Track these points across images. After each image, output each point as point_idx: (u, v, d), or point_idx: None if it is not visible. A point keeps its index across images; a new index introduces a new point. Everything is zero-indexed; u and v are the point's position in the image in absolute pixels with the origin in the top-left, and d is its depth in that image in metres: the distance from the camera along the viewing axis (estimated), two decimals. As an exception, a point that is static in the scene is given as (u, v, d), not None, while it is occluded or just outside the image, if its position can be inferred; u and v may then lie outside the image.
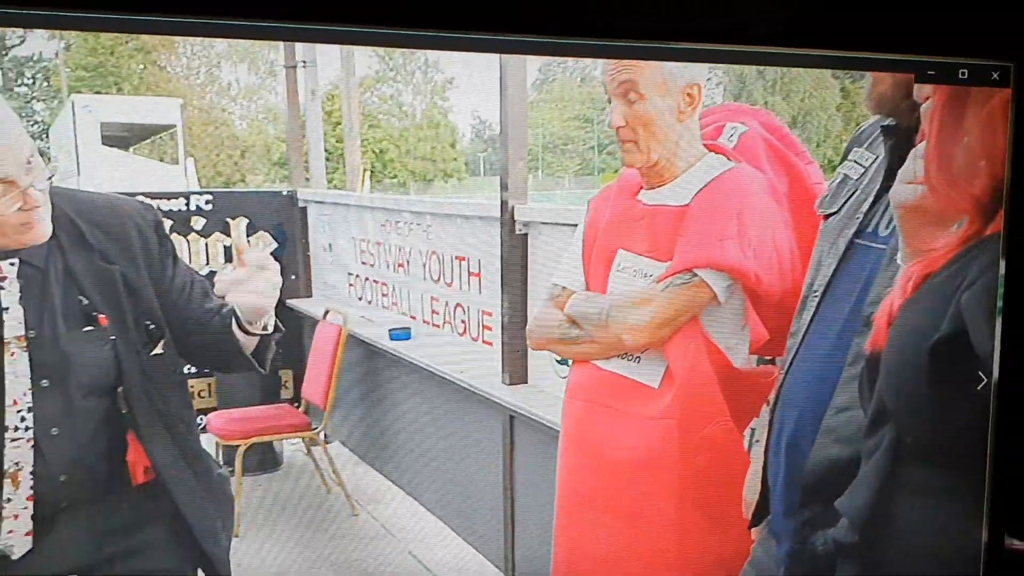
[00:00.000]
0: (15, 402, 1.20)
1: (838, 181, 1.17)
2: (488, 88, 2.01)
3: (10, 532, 1.21)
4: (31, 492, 1.23)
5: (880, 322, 0.98)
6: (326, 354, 2.51)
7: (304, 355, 2.67)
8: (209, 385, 2.37)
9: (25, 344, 1.19)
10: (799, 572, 1.08)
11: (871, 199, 1.07)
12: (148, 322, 1.27)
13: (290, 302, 2.88)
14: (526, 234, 1.98)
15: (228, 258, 1.92)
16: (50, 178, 1.20)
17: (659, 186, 1.40)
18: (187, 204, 2.18)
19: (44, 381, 1.21)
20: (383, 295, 2.62)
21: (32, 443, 1.21)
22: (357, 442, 2.72)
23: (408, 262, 2.48)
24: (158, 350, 1.27)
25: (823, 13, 1.01)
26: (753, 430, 1.43)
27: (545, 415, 1.86)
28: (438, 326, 2.39)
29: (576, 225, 1.53)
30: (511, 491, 2.00)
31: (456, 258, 2.28)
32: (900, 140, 1.04)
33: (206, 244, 2.04)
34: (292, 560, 1.40)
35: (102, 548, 1.26)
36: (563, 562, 1.48)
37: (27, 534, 1.22)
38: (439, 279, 2.36)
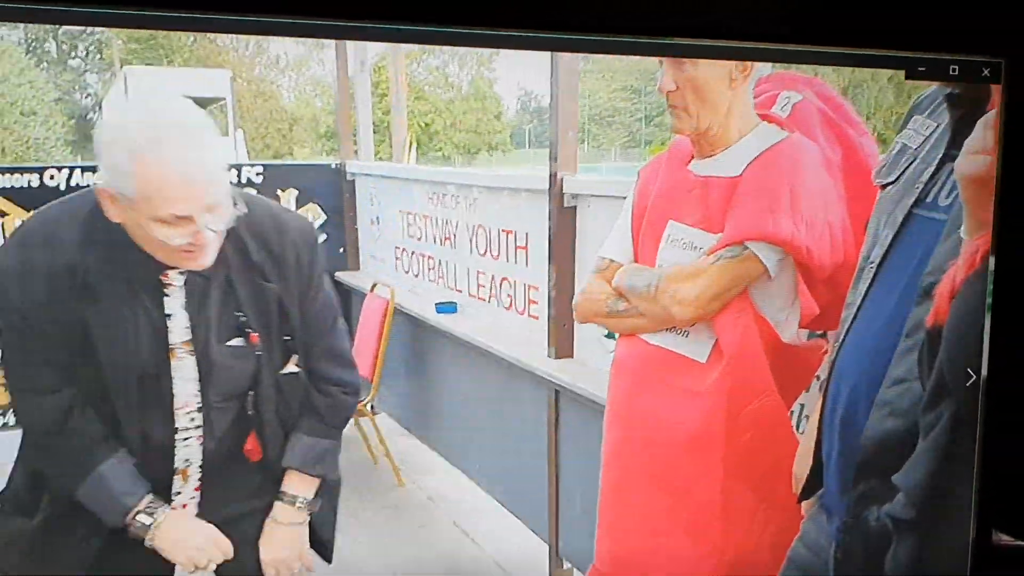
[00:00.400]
0: (185, 404, 1.25)
1: (896, 150, 1.13)
2: (535, 58, 1.98)
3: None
4: (199, 483, 1.29)
5: (942, 296, 0.95)
6: (374, 327, 2.54)
7: (352, 329, 2.70)
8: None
9: (191, 348, 1.23)
10: (852, 547, 1.06)
11: (932, 168, 1.03)
12: (287, 336, 1.31)
13: (338, 275, 2.92)
14: (575, 207, 1.96)
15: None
16: (233, 221, 1.22)
17: (711, 155, 1.37)
18: (239, 176, 2.21)
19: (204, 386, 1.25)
20: (429, 269, 2.64)
21: (201, 441, 1.26)
22: (404, 414, 2.76)
23: (455, 236, 2.49)
24: (292, 368, 1.32)
25: (814, 10, 0.99)
26: (802, 405, 1.41)
27: (591, 389, 1.85)
28: (484, 300, 2.39)
29: (625, 198, 1.51)
30: (556, 465, 2.01)
31: (503, 231, 2.27)
32: (965, 109, 1.00)
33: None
34: (339, 528, 1.43)
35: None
36: (607, 536, 1.48)
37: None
38: (485, 252, 2.36)
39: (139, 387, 1.22)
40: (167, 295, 1.21)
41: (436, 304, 2.54)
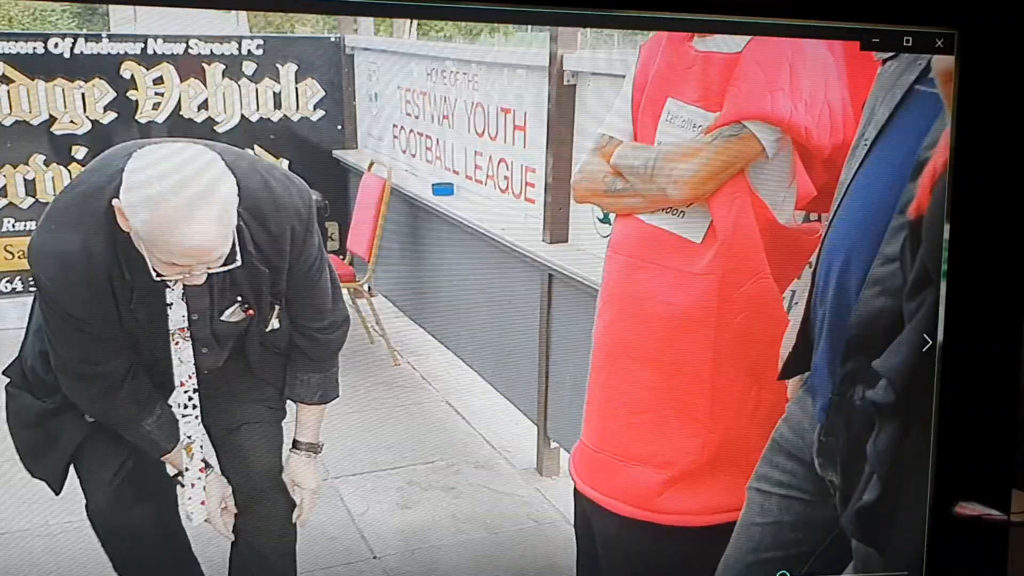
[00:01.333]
0: (182, 384, 1.32)
1: None
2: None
3: (189, 499, 1.40)
4: (202, 465, 1.38)
5: (924, 183, 0.94)
6: (370, 207, 2.52)
7: (350, 207, 2.69)
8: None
9: (188, 334, 1.30)
10: (835, 428, 1.08)
11: None
12: (277, 306, 1.38)
13: (336, 153, 2.88)
14: (574, 85, 1.92)
15: (277, 104, 1.91)
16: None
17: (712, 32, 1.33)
18: (239, 48, 2.14)
19: (204, 349, 1.33)
20: (427, 148, 2.60)
21: (200, 420, 1.35)
22: (400, 295, 2.79)
23: (453, 114, 2.44)
24: (275, 324, 1.38)
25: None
26: (793, 292, 1.42)
27: (584, 274, 1.86)
28: (481, 182, 2.37)
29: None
30: (547, 348, 2.04)
31: (502, 109, 2.23)
32: None
33: (256, 89, 2.03)
34: (335, 404, 1.48)
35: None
36: (595, 413, 1.51)
37: (201, 503, 1.40)
38: (483, 132, 2.32)
39: (148, 369, 1.31)
40: (169, 286, 1.26)
41: (433, 185, 2.51)
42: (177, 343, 1.29)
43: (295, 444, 1.47)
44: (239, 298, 1.32)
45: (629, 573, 1.46)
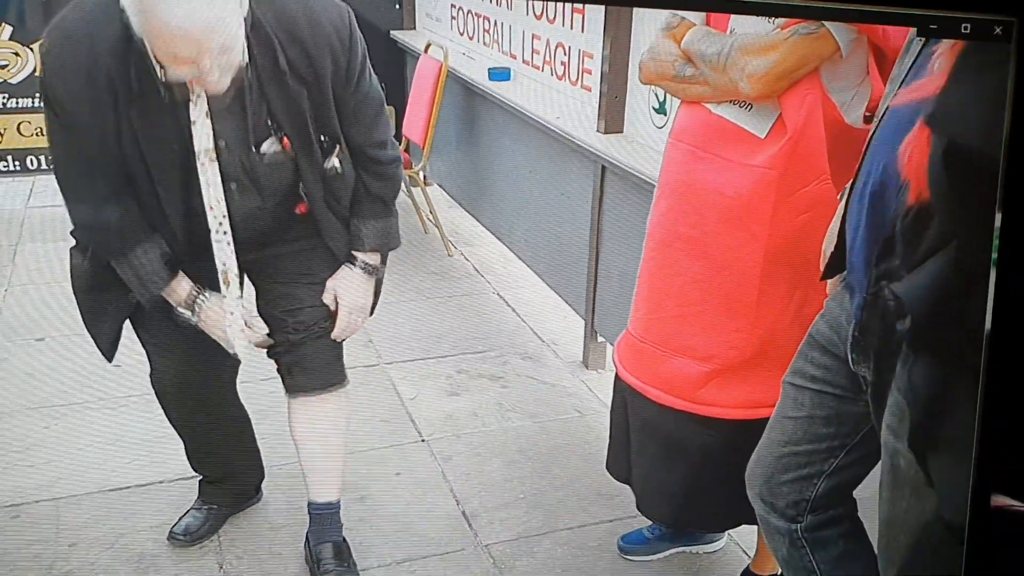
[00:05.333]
0: (211, 208, 1.28)
1: None
2: None
3: (229, 327, 1.36)
4: (239, 293, 1.34)
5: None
6: (426, 91, 2.48)
7: (406, 90, 2.65)
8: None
9: (215, 156, 1.25)
10: (869, 324, 1.06)
11: None
12: (323, 136, 1.30)
13: (393, 33, 2.82)
14: (638, -36, 1.82)
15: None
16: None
17: None
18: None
19: (233, 185, 1.28)
20: (485, 31, 2.52)
21: (232, 247, 1.31)
22: (454, 186, 2.78)
23: (513, -6, 2.35)
24: (335, 163, 1.32)
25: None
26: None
27: (638, 166, 1.82)
28: (538, 68, 2.30)
29: None
30: (597, 240, 2.03)
31: (562, -10, 2.13)
32: None
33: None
34: (388, 292, 1.50)
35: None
36: (644, 302, 1.51)
37: (242, 329, 1.37)
38: (541, 15, 2.23)
39: (176, 186, 1.27)
40: (192, 102, 1.21)
41: (490, 69, 2.46)
42: (203, 164, 1.25)
43: (351, 258, 1.41)
44: (270, 121, 1.27)
45: (660, 459, 1.49)
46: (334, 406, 1.46)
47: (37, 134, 2.80)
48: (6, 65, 2.72)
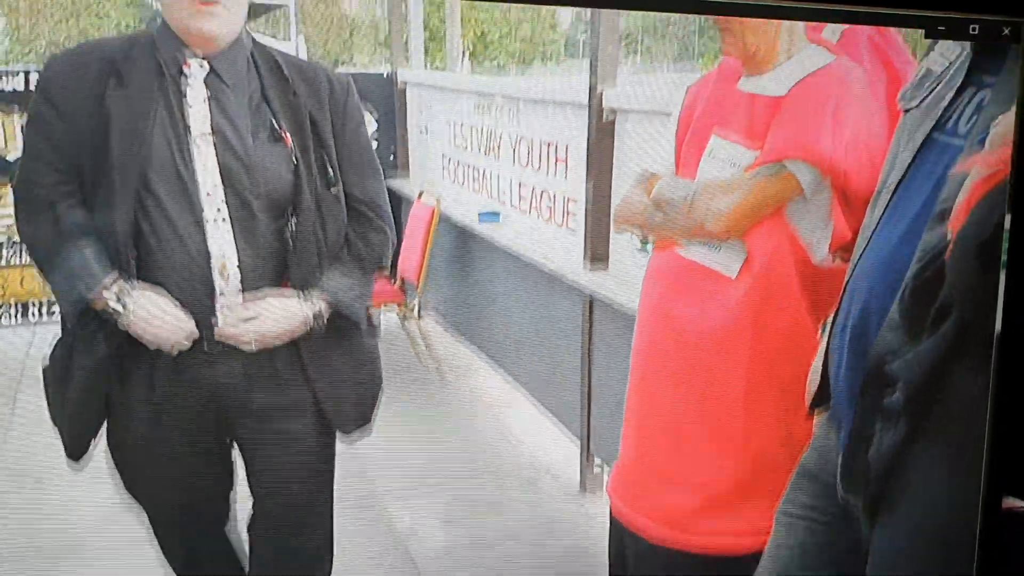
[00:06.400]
0: (208, 194, 1.25)
1: (921, 74, 1.13)
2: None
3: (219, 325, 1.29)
4: (240, 287, 1.29)
5: (949, 228, 0.96)
6: (420, 233, 2.63)
7: (400, 233, 2.79)
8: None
9: (212, 141, 1.25)
10: (858, 454, 1.08)
11: (952, 93, 1.03)
12: (325, 159, 1.32)
13: (388, 182, 2.98)
14: (613, 120, 1.99)
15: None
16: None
17: (758, 74, 1.38)
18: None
19: (233, 167, 1.26)
20: (474, 178, 2.69)
21: (232, 234, 1.26)
22: (448, 317, 2.87)
23: (499, 146, 2.53)
24: (333, 192, 1.33)
25: (833, -33, 0.92)
26: (826, 324, 1.44)
27: (623, 299, 1.91)
28: (525, 211, 2.45)
29: (664, 113, 1.52)
30: (589, 369, 2.10)
31: (545, 143, 2.31)
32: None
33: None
34: (384, 424, 1.52)
35: None
36: (633, 432, 1.55)
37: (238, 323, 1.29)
38: (528, 164, 2.40)
39: (160, 173, 1.22)
40: (189, 85, 1.24)
41: (479, 212, 2.61)
42: (199, 148, 1.24)
43: (302, 292, 1.32)
44: (272, 119, 1.28)
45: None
46: None
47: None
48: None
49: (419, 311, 2.84)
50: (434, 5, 2.99)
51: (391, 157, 2.80)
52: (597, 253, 2.10)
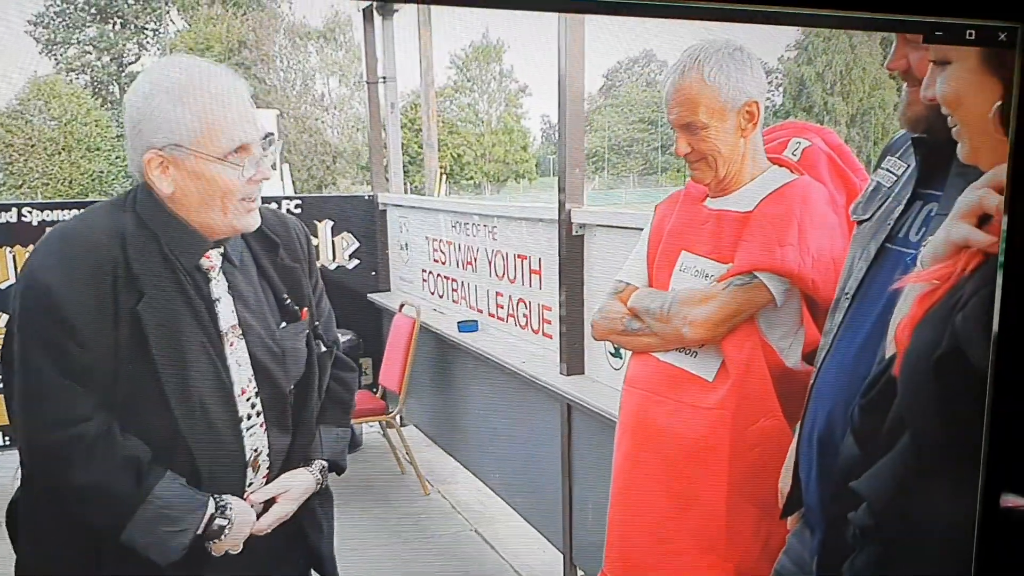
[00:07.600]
0: (243, 391, 1.19)
1: (871, 188, 1.19)
2: (556, 95, 2.13)
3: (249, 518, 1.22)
4: (267, 472, 1.24)
5: (899, 339, 0.96)
6: (401, 344, 2.69)
7: (382, 345, 2.85)
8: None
9: (241, 333, 1.19)
10: (830, 561, 1.08)
11: (902, 206, 1.08)
12: (314, 315, 1.30)
13: (370, 296, 3.07)
14: (582, 235, 2.10)
15: (316, 256, 2.10)
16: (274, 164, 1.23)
17: (724, 194, 1.44)
18: (279, 208, 2.37)
19: (261, 360, 1.21)
20: (453, 290, 2.79)
21: (265, 428, 1.22)
22: (429, 426, 2.89)
23: (476, 260, 2.65)
24: (323, 347, 1.31)
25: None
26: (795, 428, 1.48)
27: (600, 404, 1.95)
28: (502, 320, 2.54)
29: (629, 227, 1.60)
30: (569, 474, 2.11)
31: (518, 256, 2.43)
32: (930, 151, 1.05)
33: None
34: (367, 535, 1.52)
35: None
36: (616, 541, 1.53)
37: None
38: (503, 276, 2.51)
39: (198, 378, 1.14)
40: (212, 279, 1.17)
41: (459, 323, 2.69)
42: (232, 344, 1.16)
43: (308, 462, 1.29)
44: (285, 297, 1.23)
45: None
46: None
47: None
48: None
49: (401, 420, 2.86)
50: (413, 132, 3.19)
51: (372, 273, 2.90)
52: (573, 359, 2.15)
